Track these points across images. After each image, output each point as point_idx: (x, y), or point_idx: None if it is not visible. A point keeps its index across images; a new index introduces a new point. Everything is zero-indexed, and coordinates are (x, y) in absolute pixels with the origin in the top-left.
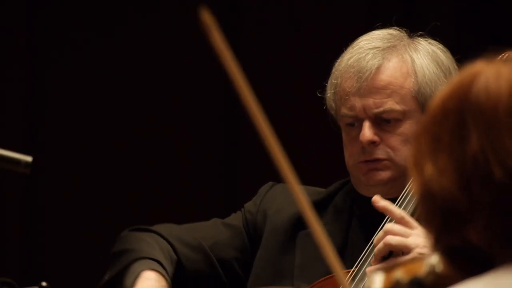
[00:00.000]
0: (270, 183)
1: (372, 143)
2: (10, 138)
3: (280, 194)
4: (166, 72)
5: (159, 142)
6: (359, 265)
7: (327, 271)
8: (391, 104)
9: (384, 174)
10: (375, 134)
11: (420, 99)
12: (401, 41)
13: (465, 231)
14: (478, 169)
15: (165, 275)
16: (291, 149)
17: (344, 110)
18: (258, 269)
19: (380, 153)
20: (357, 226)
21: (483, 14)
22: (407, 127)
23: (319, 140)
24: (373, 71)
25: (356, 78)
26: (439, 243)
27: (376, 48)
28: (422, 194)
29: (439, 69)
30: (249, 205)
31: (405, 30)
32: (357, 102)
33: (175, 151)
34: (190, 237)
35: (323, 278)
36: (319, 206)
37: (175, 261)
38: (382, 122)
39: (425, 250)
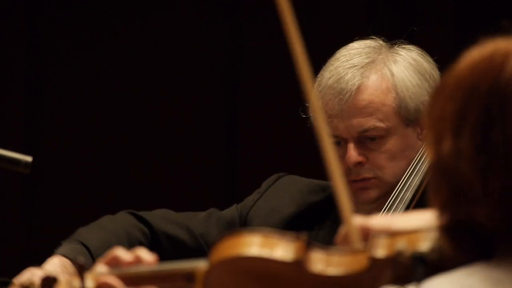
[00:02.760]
0: (276, 175)
1: (358, 163)
2: (10, 138)
3: (281, 190)
4: (167, 71)
5: (160, 142)
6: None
7: None
8: (374, 122)
9: (373, 193)
10: (360, 154)
11: (403, 114)
12: (380, 55)
13: (473, 209)
14: (497, 160)
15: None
16: (295, 147)
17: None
18: None
19: (367, 172)
20: None
21: (483, 14)
22: (392, 143)
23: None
24: (353, 92)
25: (337, 100)
26: (444, 214)
27: (354, 66)
28: (435, 167)
29: (422, 79)
30: (247, 199)
31: (382, 39)
32: (340, 124)
33: (176, 151)
34: (179, 219)
35: None
36: (319, 208)
37: (136, 243)
38: (367, 140)
39: None
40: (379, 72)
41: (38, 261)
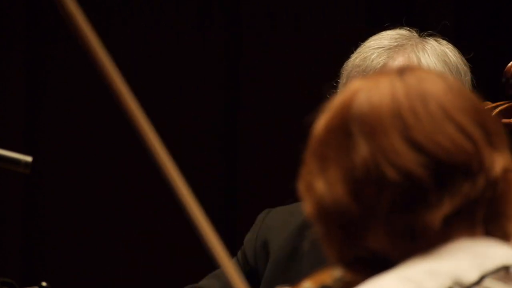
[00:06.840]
0: (266, 210)
1: None
2: (10, 138)
3: (277, 219)
4: (167, 72)
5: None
6: None
7: None
8: None
9: None
10: None
11: None
12: (409, 41)
13: (366, 240)
14: (370, 174)
15: None
16: (295, 147)
17: None
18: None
19: None
20: None
21: (483, 14)
22: None
23: None
24: (377, 70)
25: (360, 77)
26: (343, 257)
27: (382, 47)
28: (317, 213)
29: (445, 68)
30: (247, 239)
31: (415, 30)
32: None
33: (176, 152)
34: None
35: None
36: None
37: None
38: None
39: None
40: (406, 55)
41: (38, 261)
